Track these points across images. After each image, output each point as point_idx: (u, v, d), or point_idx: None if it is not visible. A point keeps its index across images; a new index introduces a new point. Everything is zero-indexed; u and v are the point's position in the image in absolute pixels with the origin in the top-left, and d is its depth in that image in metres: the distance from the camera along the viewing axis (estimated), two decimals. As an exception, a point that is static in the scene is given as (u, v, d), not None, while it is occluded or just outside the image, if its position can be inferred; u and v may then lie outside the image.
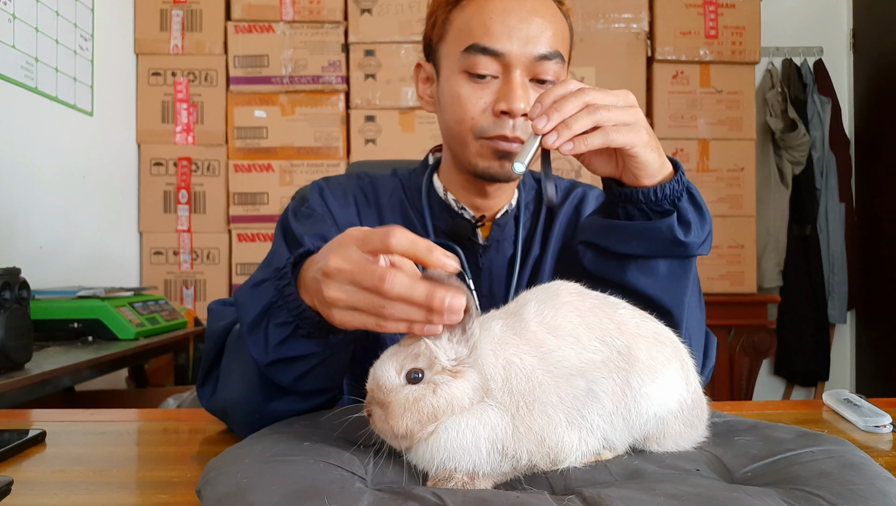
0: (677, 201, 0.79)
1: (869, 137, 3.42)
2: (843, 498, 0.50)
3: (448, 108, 0.98)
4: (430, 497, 0.50)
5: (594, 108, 0.72)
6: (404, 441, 0.57)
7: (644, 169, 0.77)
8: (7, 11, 2.04)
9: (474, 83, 0.95)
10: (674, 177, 0.79)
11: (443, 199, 1.05)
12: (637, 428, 0.61)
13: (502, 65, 0.93)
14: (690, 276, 0.85)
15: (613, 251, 0.83)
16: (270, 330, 0.70)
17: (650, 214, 0.80)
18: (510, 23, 0.92)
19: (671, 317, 0.83)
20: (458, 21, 0.96)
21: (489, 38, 0.92)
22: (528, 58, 0.93)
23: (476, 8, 0.95)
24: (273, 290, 0.70)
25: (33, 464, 0.72)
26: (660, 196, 0.78)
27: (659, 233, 0.79)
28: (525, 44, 0.92)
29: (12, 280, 1.44)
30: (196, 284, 2.88)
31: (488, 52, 0.93)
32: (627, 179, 0.80)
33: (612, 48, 2.90)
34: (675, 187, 0.78)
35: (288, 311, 0.68)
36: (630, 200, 0.80)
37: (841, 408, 0.89)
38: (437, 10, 1.01)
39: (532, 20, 0.93)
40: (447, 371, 0.57)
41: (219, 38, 2.89)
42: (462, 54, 0.95)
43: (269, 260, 1.00)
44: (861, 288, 3.43)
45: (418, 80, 1.08)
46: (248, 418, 0.77)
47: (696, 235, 0.80)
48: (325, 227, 1.00)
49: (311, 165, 2.87)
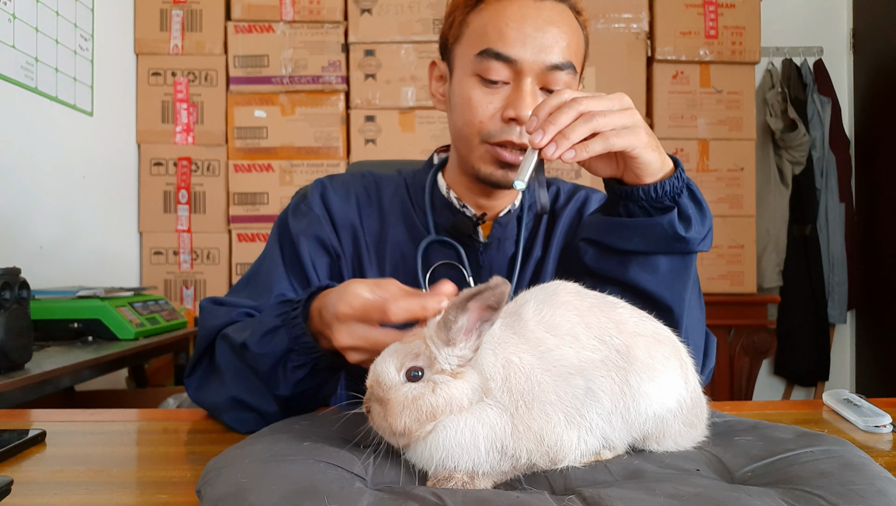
0: (677, 198, 0.80)
1: (869, 137, 3.42)
2: (843, 498, 0.50)
3: (458, 110, 0.99)
4: (430, 497, 0.50)
5: (590, 116, 0.73)
6: (402, 439, 0.57)
7: (646, 169, 0.78)
8: (7, 11, 2.04)
9: (485, 87, 0.95)
10: (674, 174, 0.80)
11: (445, 196, 1.05)
12: (636, 427, 0.61)
13: (514, 71, 0.94)
14: (691, 272, 0.86)
15: (615, 248, 0.83)
16: (289, 372, 0.78)
17: (651, 211, 0.81)
18: (525, 30, 0.92)
19: (672, 314, 0.84)
20: (475, 24, 0.97)
21: (503, 44, 0.93)
22: (540, 66, 0.93)
23: (493, 12, 0.95)
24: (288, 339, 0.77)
25: (33, 464, 0.72)
26: (660, 193, 0.79)
27: (660, 229, 0.79)
28: (538, 52, 0.92)
29: (12, 280, 1.44)
30: (196, 284, 2.88)
31: (501, 57, 0.93)
32: (629, 179, 0.81)
33: (612, 48, 2.90)
34: (675, 184, 0.79)
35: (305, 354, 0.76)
36: (631, 197, 0.81)
37: (841, 408, 0.89)
38: (456, 11, 1.01)
39: (548, 29, 0.93)
40: (447, 371, 0.57)
41: (219, 38, 2.89)
42: (476, 58, 0.95)
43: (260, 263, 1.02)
44: (861, 288, 3.43)
45: (432, 77, 1.09)
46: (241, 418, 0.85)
47: (697, 231, 0.81)
48: (320, 228, 1.02)
49: (311, 165, 2.88)
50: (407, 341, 0.60)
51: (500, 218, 1.05)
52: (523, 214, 1.07)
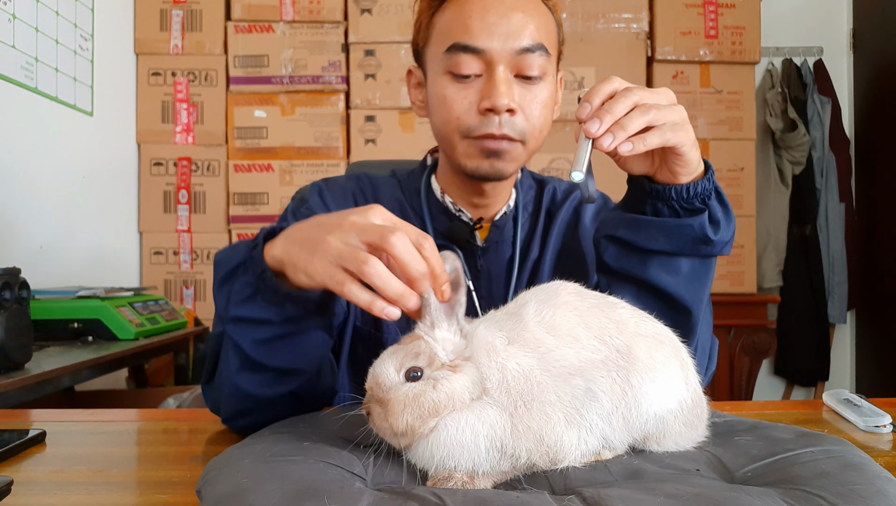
0: (707, 200, 0.79)
1: (869, 137, 3.42)
2: (843, 498, 0.50)
3: (435, 111, 0.98)
4: (430, 497, 0.50)
5: (646, 108, 0.71)
6: (404, 439, 0.57)
7: (686, 167, 0.77)
8: (7, 11, 2.04)
9: (458, 83, 0.94)
10: (704, 176, 0.79)
11: (440, 200, 1.05)
12: (637, 427, 0.61)
13: (485, 62, 0.93)
14: (711, 276, 0.85)
15: (639, 246, 0.82)
16: (235, 287, 0.73)
17: (680, 212, 0.80)
18: (489, 19, 0.92)
19: (690, 315, 0.83)
20: (440, 23, 0.97)
21: (469, 36, 0.92)
22: (509, 52, 0.92)
23: (456, 8, 0.94)
24: (245, 251, 0.73)
25: (33, 464, 0.72)
26: (692, 193, 0.78)
27: (690, 230, 0.79)
28: (506, 39, 0.92)
29: (12, 280, 1.44)
30: (196, 284, 2.88)
31: (469, 49, 0.92)
32: (662, 177, 0.79)
33: (612, 48, 2.90)
34: (706, 186, 0.78)
35: (252, 272, 0.72)
36: (662, 196, 0.79)
37: (841, 408, 0.89)
38: (421, 15, 1.01)
39: (512, 15, 0.92)
40: (446, 366, 0.57)
41: (219, 38, 2.89)
42: (444, 55, 0.94)
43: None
44: (861, 288, 3.43)
45: (410, 85, 1.08)
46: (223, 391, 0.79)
47: (724, 234, 0.80)
48: None
49: (311, 164, 2.87)
50: (404, 344, 0.59)
51: (496, 221, 1.04)
52: (518, 215, 1.06)
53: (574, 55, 2.88)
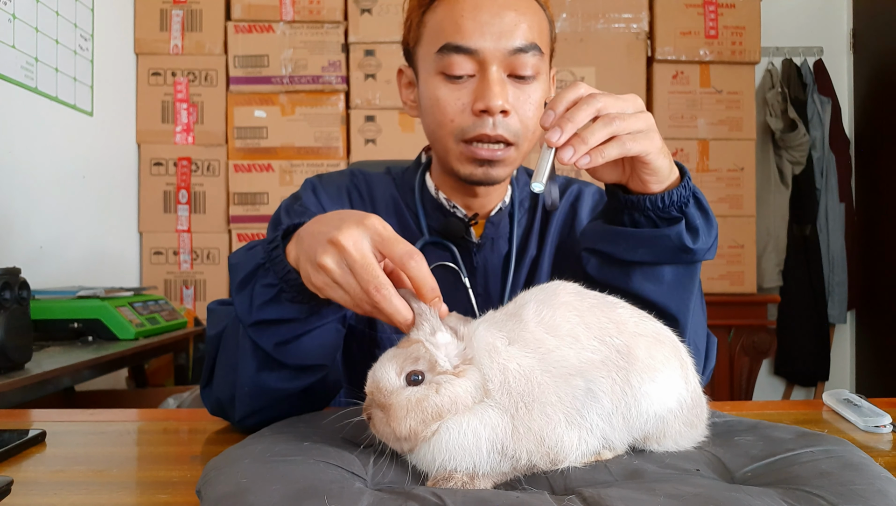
0: (685, 207, 0.77)
1: (869, 137, 3.42)
2: (843, 498, 0.50)
3: (428, 112, 0.97)
4: (430, 497, 0.50)
5: (609, 119, 0.69)
6: (406, 443, 0.57)
7: (655, 175, 0.75)
8: (7, 11, 2.04)
9: (451, 84, 0.93)
10: (681, 182, 0.77)
11: (435, 197, 1.05)
12: (637, 427, 0.61)
13: (477, 62, 0.92)
14: (696, 281, 0.84)
15: (619, 258, 0.81)
16: (257, 290, 0.72)
17: (657, 222, 0.78)
18: (481, 18, 0.91)
19: (676, 323, 0.82)
20: (431, 22, 0.95)
21: (461, 36, 0.91)
22: (502, 53, 0.91)
23: (447, 7, 0.93)
24: (262, 252, 0.72)
25: (33, 464, 0.72)
26: (667, 203, 0.76)
27: (667, 240, 0.77)
28: (498, 38, 0.90)
29: (12, 280, 1.44)
30: (196, 284, 2.88)
31: (461, 50, 0.91)
32: (634, 186, 0.78)
33: (612, 48, 2.90)
34: (682, 193, 0.77)
35: (274, 273, 0.71)
36: (637, 207, 0.78)
37: (841, 408, 0.89)
38: (412, 14, 1.00)
39: (504, 14, 0.91)
40: (449, 371, 0.57)
41: (219, 38, 2.89)
42: (436, 55, 0.93)
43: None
44: (861, 288, 3.43)
45: (401, 85, 1.07)
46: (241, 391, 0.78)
47: (704, 242, 0.79)
48: None
49: (311, 164, 2.87)
50: (403, 347, 0.59)
51: (491, 217, 1.04)
52: (514, 211, 1.05)
53: (574, 55, 2.88)
